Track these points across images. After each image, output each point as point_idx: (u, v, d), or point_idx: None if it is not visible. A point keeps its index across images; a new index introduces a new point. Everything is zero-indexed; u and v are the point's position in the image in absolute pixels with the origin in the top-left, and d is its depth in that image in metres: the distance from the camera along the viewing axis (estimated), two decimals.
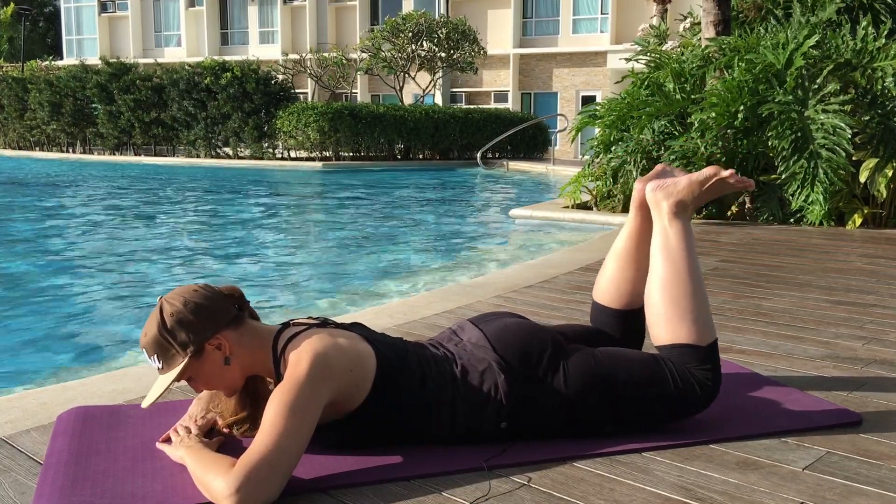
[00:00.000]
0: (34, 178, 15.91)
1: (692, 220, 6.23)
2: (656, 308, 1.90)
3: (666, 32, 9.73)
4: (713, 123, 6.55)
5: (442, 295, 3.65)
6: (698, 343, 1.85)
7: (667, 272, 1.90)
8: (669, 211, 1.96)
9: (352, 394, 1.68)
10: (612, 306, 2.09)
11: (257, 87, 20.13)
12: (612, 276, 2.09)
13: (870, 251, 5.04)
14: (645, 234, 2.06)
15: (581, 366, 1.81)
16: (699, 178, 1.96)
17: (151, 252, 6.67)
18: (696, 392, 1.83)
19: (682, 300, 1.87)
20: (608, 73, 26.10)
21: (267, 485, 1.48)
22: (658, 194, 1.98)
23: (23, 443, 1.85)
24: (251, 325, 1.76)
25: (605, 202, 7.47)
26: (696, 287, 1.89)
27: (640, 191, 2.05)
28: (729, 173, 1.95)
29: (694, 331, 1.86)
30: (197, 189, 13.66)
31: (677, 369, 1.84)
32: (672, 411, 1.85)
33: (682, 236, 1.93)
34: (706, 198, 1.98)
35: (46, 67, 28.95)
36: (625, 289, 2.07)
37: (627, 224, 2.10)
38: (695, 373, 1.84)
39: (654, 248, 1.95)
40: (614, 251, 2.10)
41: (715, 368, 1.86)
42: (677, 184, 1.98)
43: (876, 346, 2.74)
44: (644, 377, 1.82)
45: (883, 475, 1.69)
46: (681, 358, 1.85)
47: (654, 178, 2.03)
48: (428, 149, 21.05)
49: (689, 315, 1.86)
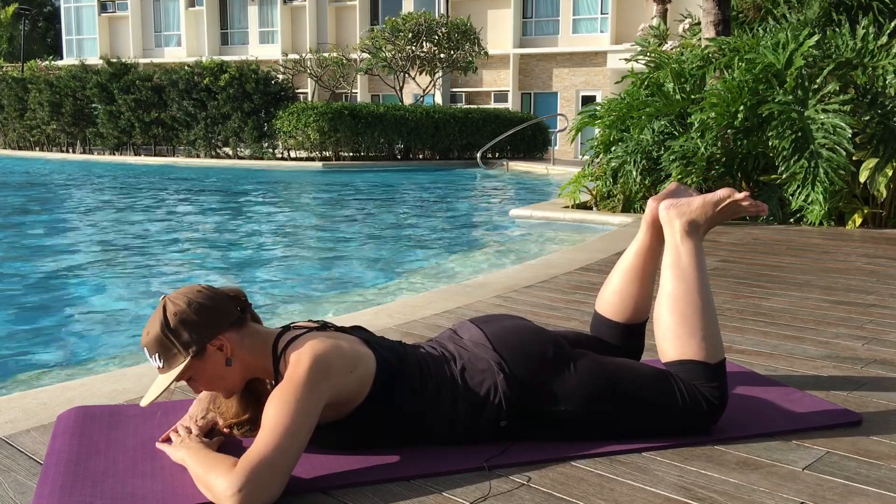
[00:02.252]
0: (34, 178, 15.91)
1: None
2: (665, 324, 1.90)
3: (666, 32, 9.73)
4: (713, 123, 6.55)
5: (442, 295, 3.65)
6: (707, 360, 1.85)
7: (677, 289, 1.91)
8: (682, 230, 1.96)
9: (352, 395, 1.68)
10: (613, 319, 2.09)
11: (257, 87, 20.13)
12: (616, 289, 2.09)
13: (870, 251, 5.04)
14: (653, 252, 2.07)
15: (588, 371, 1.81)
16: (713, 200, 1.97)
17: (152, 252, 6.67)
18: (703, 408, 1.83)
19: (692, 317, 1.87)
20: (608, 73, 26.11)
21: (268, 485, 1.48)
22: (671, 213, 1.99)
23: (23, 443, 1.85)
24: (253, 327, 1.76)
25: (605, 202, 7.47)
26: (707, 305, 1.89)
27: (653, 209, 2.05)
28: (743, 196, 1.96)
29: (703, 348, 1.86)
30: (197, 189, 13.66)
31: (685, 385, 1.84)
32: (676, 425, 1.85)
33: (693, 255, 1.94)
34: (719, 219, 1.99)
35: (46, 67, 28.94)
36: (628, 304, 2.08)
37: (637, 241, 2.10)
38: (702, 390, 1.84)
39: (665, 266, 1.96)
40: (621, 266, 2.10)
41: (722, 387, 1.86)
42: (691, 203, 1.98)
43: (876, 346, 2.74)
44: (651, 389, 1.82)
45: (883, 475, 1.69)
46: (689, 374, 1.85)
47: (668, 197, 2.04)
48: (428, 149, 21.05)
49: (699, 332, 1.86)
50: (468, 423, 1.77)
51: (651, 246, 2.07)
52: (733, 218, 2.02)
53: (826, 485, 1.64)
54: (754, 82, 6.53)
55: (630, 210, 7.20)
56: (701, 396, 1.83)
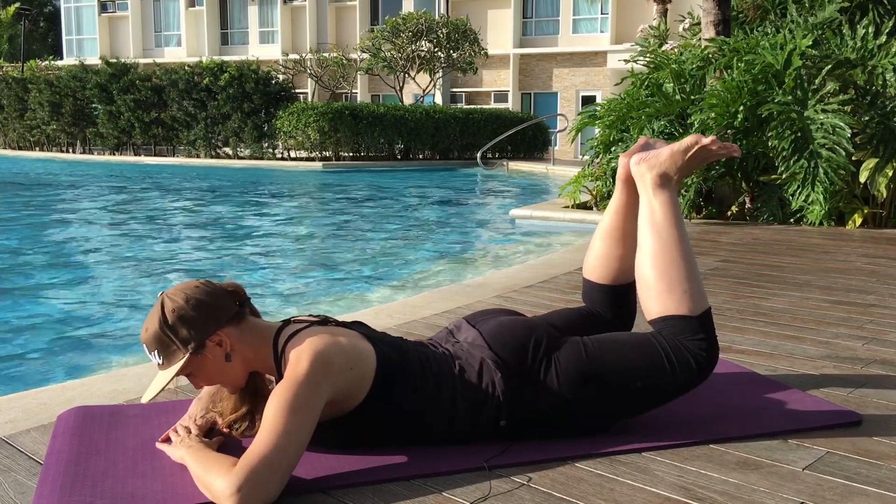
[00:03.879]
0: (32, 178, 15.90)
1: (694, 220, 6.21)
2: (645, 281, 1.88)
3: (666, 33, 9.72)
4: (713, 124, 6.55)
5: (442, 295, 3.65)
6: (689, 313, 1.82)
7: (654, 245, 1.88)
8: (653, 182, 1.94)
9: (352, 392, 1.67)
10: (601, 282, 2.08)
11: (257, 87, 20.14)
12: (600, 252, 2.08)
13: (870, 251, 5.04)
14: (631, 210, 2.04)
15: (571, 358, 1.79)
16: (681, 148, 1.94)
17: (152, 251, 6.67)
18: (692, 366, 1.80)
19: (671, 271, 1.85)
20: (608, 73, 26.11)
21: (268, 484, 1.48)
22: (642, 167, 1.96)
23: (23, 443, 1.85)
24: (252, 321, 1.76)
25: (605, 202, 7.46)
26: (685, 258, 1.87)
27: (624, 165, 2.03)
28: (710, 140, 1.92)
29: (684, 301, 1.83)
30: (197, 189, 13.66)
31: (670, 344, 1.81)
32: (670, 389, 1.82)
33: (667, 207, 1.91)
34: (690, 167, 1.95)
35: (46, 67, 28.94)
36: (613, 265, 2.06)
37: (613, 200, 2.08)
38: (688, 345, 1.81)
39: (641, 222, 1.94)
40: (601, 228, 2.09)
41: (709, 338, 1.82)
42: (659, 155, 1.95)
43: (876, 346, 2.74)
44: (636, 360, 1.79)
45: (883, 475, 1.69)
46: (672, 330, 1.82)
47: (638, 151, 2.01)
48: (428, 149, 21.06)
49: (679, 286, 1.84)
50: (468, 422, 1.77)
51: (627, 203, 2.05)
52: (704, 164, 2.00)
53: (826, 485, 1.64)
54: (754, 83, 6.53)
55: None
56: (689, 354, 1.80)
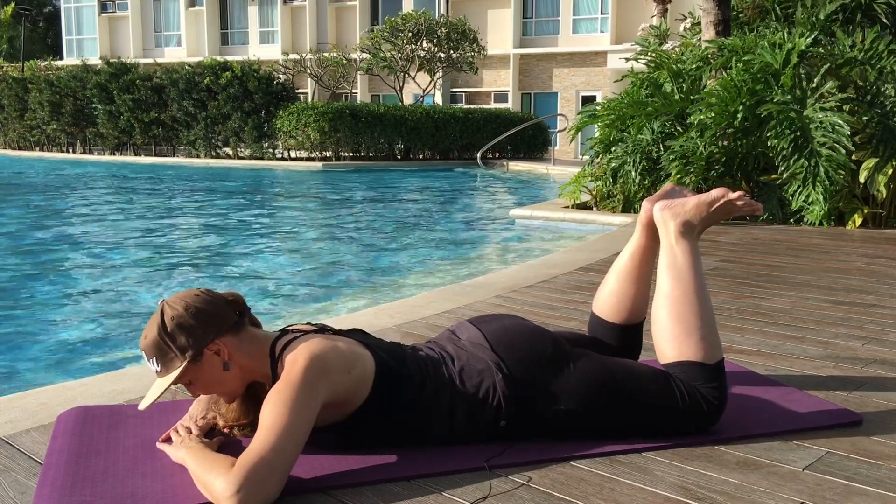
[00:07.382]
0: (32, 178, 15.90)
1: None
2: (663, 325, 1.90)
3: (666, 33, 9.73)
4: (712, 123, 6.55)
5: (442, 295, 3.65)
6: (705, 361, 1.85)
7: (674, 289, 1.90)
8: (677, 230, 1.96)
9: (350, 396, 1.68)
10: (610, 320, 2.09)
11: (257, 86, 20.13)
12: (612, 291, 2.09)
13: (870, 251, 5.04)
14: (648, 254, 2.06)
15: (589, 371, 1.81)
16: (707, 200, 1.96)
17: (152, 253, 6.67)
18: (703, 409, 1.83)
19: (690, 318, 1.87)
20: (608, 73, 26.10)
21: (267, 484, 1.48)
22: (666, 214, 1.98)
23: (23, 443, 1.85)
24: (251, 331, 1.76)
25: (605, 202, 7.47)
26: (703, 306, 1.89)
27: (647, 210, 2.05)
28: (737, 195, 1.95)
29: (701, 349, 1.85)
30: (197, 189, 13.66)
31: (685, 386, 1.83)
32: (677, 426, 1.84)
33: (689, 255, 1.93)
34: (714, 219, 1.98)
35: (46, 67, 28.94)
36: (624, 305, 2.07)
37: (632, 242, 2.10)
38: (702, 390, 1.84)
39: (661, 267, 1.96)
40: (617, 268, 2.10)
41: (721, 387, 1.85)
42: (685, 204, 1.98)
43: (876, 346, 2.74)
44: (652, 390, 1.82)
45: (883, 475, 1.69)
46: (687, 375, 1.85)
47: (663, 198, 2.04)
48: (428, 149, 21.05)
49: (697, 333, 1.86)
50: (467, 424, 1.77)
51: (646, 247, 2.07)
52: (728, 218, 2.02)
53: (826, 485, 1.64)
54: (752, 82, 6.53)
55: (630, 210, 7.20)
56: (701, 397, 1.83)
